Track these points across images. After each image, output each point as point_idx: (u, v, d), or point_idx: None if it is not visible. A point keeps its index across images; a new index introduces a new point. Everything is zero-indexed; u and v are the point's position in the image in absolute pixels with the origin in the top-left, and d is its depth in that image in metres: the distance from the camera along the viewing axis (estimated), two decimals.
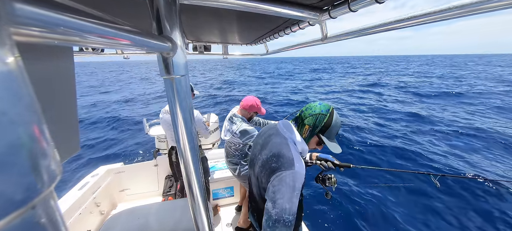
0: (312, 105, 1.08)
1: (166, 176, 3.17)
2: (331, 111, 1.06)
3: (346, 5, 0.66)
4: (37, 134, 0.15)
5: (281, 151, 0.99)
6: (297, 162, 0.95)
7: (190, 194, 0.63)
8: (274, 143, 1.05)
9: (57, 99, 0.32)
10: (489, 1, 0.39)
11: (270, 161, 0.99)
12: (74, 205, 2.16)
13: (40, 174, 0.15)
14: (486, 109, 9.19)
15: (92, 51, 1.80)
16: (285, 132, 1.08)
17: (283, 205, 0.86)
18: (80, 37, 0.22)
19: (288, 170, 0.93)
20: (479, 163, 4.22)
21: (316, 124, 1.04)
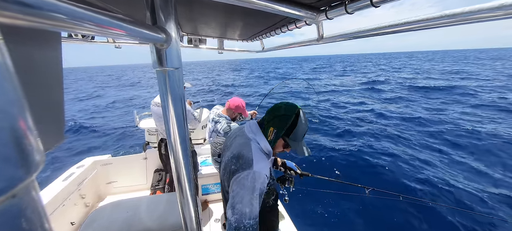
0: (277, 106, 1.02)
1: (155, 169, 3.13)
2: (297, 112, 0.99)
3: (343, 7, 0.67)
4: (19, 121, 0.15)
5: (241, 151, 0.94)
6: (258, 162, 0.90)
7: (179, 188, 0.63)
8: (236, 144, 1.01)
9: (42, 86, 0.31)
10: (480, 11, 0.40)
11: (230, 163, 0.94)
12: (57, 196, 2.09)
13: (21, 162, 0.15)
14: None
15: (81, 38, 1.73)
16: (250, 132, 1.03)
17: (242, 210, 0.82)
18: (69, 23, 0.21)
19: (246, 170, 0.88)
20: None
21: (281, 126, 0.97)
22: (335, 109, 9.30)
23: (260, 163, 0.91)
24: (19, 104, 0.15)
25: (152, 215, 1.20)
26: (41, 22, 0.17)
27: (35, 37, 0.29)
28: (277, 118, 0.99)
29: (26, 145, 0.15)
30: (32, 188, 0.16)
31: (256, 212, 0.85)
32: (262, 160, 0.94)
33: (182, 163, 0.59)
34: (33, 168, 0.16)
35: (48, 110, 0.32)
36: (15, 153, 0.14)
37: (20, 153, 0.15)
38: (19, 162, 0.14)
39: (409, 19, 0.56)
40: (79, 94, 20.20)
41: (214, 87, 20.09)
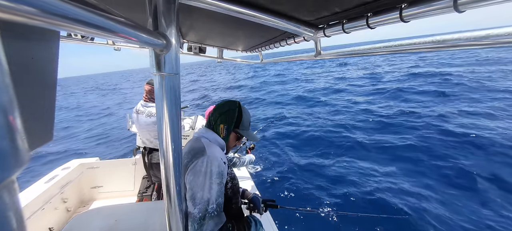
0: (219, 105, 1.10)
1: (143, 176, 3.03)
2: (239, 105, 1.09)
3: (340, 26, 0.69)
4: (3, 117, 0.14)
5: (191, 145, 0.97)
6: (209, 148, 0.92)
7: (167, 197, 0.60)
8: (190, 146, 1.00)
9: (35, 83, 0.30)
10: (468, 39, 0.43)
11: (185, 161, 0.92)
12: (37, 199, 1.98)
13: (1, 160, 0.14)
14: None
15: (81, 38, 1.73)
16: (197, 135, 1.07)
17: (204, 196, 0.79)
18: (69, 22, 0.20)
19: (200, 157, 0.87)
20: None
21: (229, 120, 1.05)
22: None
23: (212, 149, 0.92)
24: (6, 99, 0.14)
25: (137, 224, 1.15)
26: (41, 20, 0.17)
27: (32, 33, 0.29)
28: (223, 115, 1.05)
29: (7, 142, 0.14)
30: (11, 188, 0.15)
31: (217, 196, 0.81)
32: (214, 147, 0.95)
33: (172, 170, 0.58)
34: (14, 167, 0.15)
35: (38, 108, 0.31)
36: None
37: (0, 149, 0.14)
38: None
39: (402, 42, 0.58)
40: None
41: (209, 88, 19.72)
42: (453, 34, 0.46)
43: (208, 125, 1.09)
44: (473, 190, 3.75)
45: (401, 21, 0.51)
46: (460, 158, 4.53)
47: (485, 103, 7.31)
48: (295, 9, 0.67)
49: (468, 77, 11.00)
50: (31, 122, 0.30)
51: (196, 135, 1.07)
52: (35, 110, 0.31)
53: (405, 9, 0.49)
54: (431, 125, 6.09)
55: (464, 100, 7.90)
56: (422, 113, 6.99)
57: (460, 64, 16.01)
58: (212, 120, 1.07)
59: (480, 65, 14.56)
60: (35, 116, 0.31)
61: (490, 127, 5.59)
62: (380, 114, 7.44)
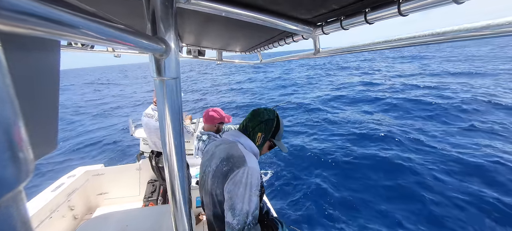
0: (258, 112, 1.07)
1: (148, 180, 3.05)
2: (277, 115, 1.09)
3: (338, 23, 0.69)
4: (9, 128, 0.14)
5: (229, 152, 0.94)
6: (249, 158, 0.91)
7: (172, 201, 0.61)
8: (221, 149, 0.99)
9: (37, 93, 0.31)
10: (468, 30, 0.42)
11: (221, 166, 0.91)
12: (45, 208, 2.00)
13: (7, 171, 0.14)
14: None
15: (81, 46, 1.75)
16: (231, 137, 1.05)
17: (244, 208, 0.81)
18: (69, 32, 0.21)
19: (241, 167, 0.86)
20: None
21: (268, 130, 1.05)
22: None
23: (252, 160, 0.92)
24: (11, 110, 0.15)
25: (144, 228, 1.16)
26: (41, 31, 0.18)
27: (33, 43, 0.29)
28: (263, 123, 1.04)
29: (13, 152, 0.15)
30: (18, 198, 0.15)
31: (255, 209, 0.84)
32: (252, 157, 0.94)
33: (177, 174, 0.58)
34: (21, 177, 0.15)
35: (41, 117, 0.32)
36: (1, 162, 0.14)
37: (6, 161, 0.14)
38: (4, 171, 0.14)
39: (401, 35, 0.58)
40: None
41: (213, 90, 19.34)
42: (453, 26, 0.46)
43: (242, 129, 1.07)
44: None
45: (400, 15, 0.51)
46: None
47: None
48: (293, 8, 0.67)
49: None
50: (36, 132, 0.30)
51: (230, 138, 1.05)
52: (39, 120, 0.31)
53: (403, 2, 0.48)
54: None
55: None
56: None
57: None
58: (250, 126, 1.05)
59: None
60: (39, 125, 0.31)
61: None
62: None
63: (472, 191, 3.93)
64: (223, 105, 12.11)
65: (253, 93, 15.23)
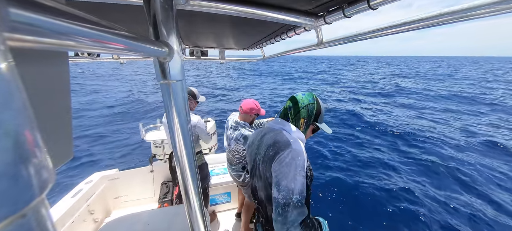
0: (298, 98, 1.08)
1: (162, 182, 3.12)
2: (316, 98, 1.09)
3: (340, 12, 0.67)
4: (29, 140, 0.15)
5: (275, 138, 0.98)
6: (294, 142, 0.94)
7: (186, 200, 0.62)
8: (267, 138, 1.04)
9: (50, 105, 0.32)
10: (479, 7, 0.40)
11: (268, 153, 0.97)
12: (66, 213, 2.10)
13: (31, 181, 0.15)
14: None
15: (87, 56, 1.79)
16: (276, 125, 1.08)
17: (288, 185, 0.84)
18: (76, 42, 0.21)
19: (285, 150, 0.90)
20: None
21: (309, 114, 1.06)
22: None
23: (297, 143, 0.94)
24: (29, 123, 0.15)
25: (161, 228, 1.19)
26: (51, 44, 0.18)
27: (44, 57, 0.30)
28: (303, 109, 1.05)
29: (35, 163, 0.15)
30: (42, 206, 0.16)
31: (302, 187, 0.85)
32: (298, 142, 0.96)
33: (189, 174, 0.59)
34: (43, 186, 0.16)
35: (57, 128, 0.33)
36: (24, 172, 0.15)
37: (29, 171, 0.15)
38: (28, 181, 0.15)
39: (407, 19, 0.56)
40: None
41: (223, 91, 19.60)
42: (462, 4, 0.43)
43: (284, 116, 1.09)
44: None
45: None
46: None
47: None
48: (293, 0, 0.66)
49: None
50: (52, 142, 0.31)
51: (275, 127, 1.08)
52: (54, 131, 0.33)
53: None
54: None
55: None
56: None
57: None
58: (292, 113, 1.07)
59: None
60: (55, 135, 0.32)
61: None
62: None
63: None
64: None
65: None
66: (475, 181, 4.49)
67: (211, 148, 3.44)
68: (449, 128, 7.85)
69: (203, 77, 27.49)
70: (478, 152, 5.90)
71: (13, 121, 0.14)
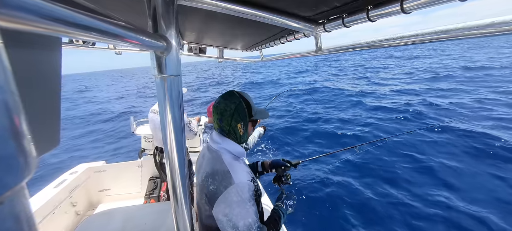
0: (221, 107, 0.96)
1: (150, 177, 3.06)
2: (238, 94, 0.99)
3: (340, 21, 0.69)
4: (12, 124, 0.14)
5: (213, 167, 0.89)
6: (235, 172, 0.86)
7: (173, 197, 0.61)
8: (207, 160, 0.96)
9: (39, 89, 0.31)
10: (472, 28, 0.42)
11: (206, 183, 0.89)
12: (47, 204, 2.02)
13: (10, 167, 0.14)
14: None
15: (82, 44, 1.75)
16: (214, 143, 0.98)
17: (246, 223, 0.81)
18: (71, 29, 0.21)
19: (228, 187, 0.83)
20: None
21: (242, 115, 0.97)
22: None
23: (238, 172, 0.87)
24: (13, 106, 0.15)
25: (145, 225, 1.17)
26: (43, 28, 0.18)
27: (36, 41, 0.29)
28: (235, 113, 0.96)
29: (16, 149, 0.15)
30: (21, 195, 0.15)
31: (255, 217, 0.84)
32: (239, 168, 0.90)
33: (178, 171, 0.58)
34: (24, 174, 0.15)
35: (44, 114, 0.32)
36: (3, 158, 0.14)
37: (9, 157, 0.14)
38: (7, 168, 0.14)
39: (404, 33, 0.57)
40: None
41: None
42: (456, 24, 0.45)
43: (221, 131, 0.99)
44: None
45: (402, 12, 0.50)
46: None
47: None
48: (295, 6, 0.67)
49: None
50: (38, 128, 0.30)
51: (213, 147, 0.97)
52: (41, 117, 0.31)
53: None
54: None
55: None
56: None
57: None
58: (225, 125, 0.96)
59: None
60: (41, 122, 0.31)
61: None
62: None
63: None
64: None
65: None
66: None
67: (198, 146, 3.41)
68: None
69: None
70: None
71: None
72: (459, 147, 4.84)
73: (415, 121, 6.52)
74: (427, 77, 13.28)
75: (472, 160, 4.38)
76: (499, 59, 17.85)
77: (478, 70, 13.75)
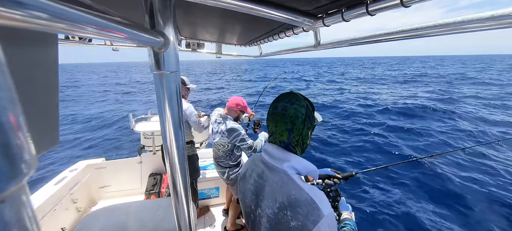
0: (291, 113, 0.77)
1: (150, 174, 3.08)
2: (299, 95, 0.83)
3: (339, 15, 0.68)
4: (11, 124, 0.14)
5: (290, 195, 0.70)
6: (320, 199, 0.68)
7: (174, 193, 0.62)
8: (273, 185, 0.76)
9: (37, 88, 0.31)
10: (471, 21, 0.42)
11: (283, 218, 0.69)
12: (48, 201, 2.03)
13: (12, 166, 0.14)
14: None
15: (78, 40, 1.73)
16: (278, 161, 0.78)
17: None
18: (67, 25, 0.20)
19: (318, 221, 0.65)
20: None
21: (312, 120, 0.82)
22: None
23: (323, 200, 0.69)
24: (11, 106, 0.15)
25: (146, 220, 1.18)
26: (39, 24, 0.17)
27: (31, 38, 0.29)
28: (307, 119, 0.79)
29: (16, 148, 0.15)
30: (22, 192, 0.16)
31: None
32: (319, 192, 0.71)
33: (178, 167, 0.59)
34: (24, 172, 0.15)
35: (42, 113, 0.32)
36: (4, 157, 0.14)
37: (10, 156, 0.14)
38: (9, 166, 0.14)
39: (403, 27, 0.57)
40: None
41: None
42: (455, 17, 0.45)
43: (287, 145, 0.80)
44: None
45: (402, 5, 0.50)
46: None
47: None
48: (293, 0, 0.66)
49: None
50: (37, 127, 0.30)
51: (276, 165, 0.78)
52: (40, 116, 0.31)
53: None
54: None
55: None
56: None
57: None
58: (295, 136, 0.78)
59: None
60: (40, 121, 0.31)
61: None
62: None
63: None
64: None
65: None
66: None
67: (202, 142, 3.42)
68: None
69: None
70: None
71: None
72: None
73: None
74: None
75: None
76: None
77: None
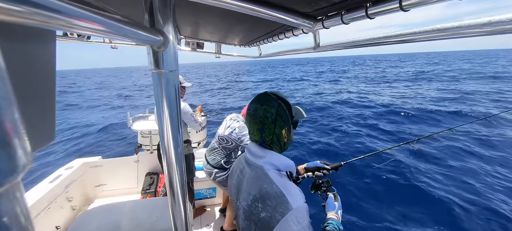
0: (260, 114, 0.82)
1: (146, 173, 3.06)
2: (276, 95, 0.86)
3: (339, 17, 0.68)
4: (6, 120, 0.14)
5: (261, 188, 0.75)
6: (289, 193, 0.73)
7: (170, 193, 0.61)
8: (249, 179, 0.82)
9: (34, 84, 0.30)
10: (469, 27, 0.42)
11: (256, 209, 0.75)
12: (43, 199, 2.01)
13: (6, 162, 0.14)
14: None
15: (77, 37, 1.71)
16: (255, 157, 0.84)
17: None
18: (65, 22, 0.20)
19: (286, 213, 0.69)
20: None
21: (285, 118, 0.83)
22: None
23: (294, 194, 0.73)
24: (6, 101, 0.14)
25: (142, 220, 1.17)
26: (37, 20, 0.17)
27: (29, 34, 0.28)
28: (278, 118, 0.82)
29: (11, 144, 0.15)
30: (16, 189, 0.15)
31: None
32: (292, 187, 0.75)
33: (175, 166, 0.58)
34: (19, 168, 0.15)
35: (39, 109, 0.31)
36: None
37: (4, 152, 0.14)
38: (3, 162, 0.14)
39: (402, 31, 0.57)
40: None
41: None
42: (454, 22, 0.45)
43: (263, 143, 0.84)
44: None
45: (401, 10, 0.50)
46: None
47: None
48: (293, 1, 0.67)
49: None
50: (33, 124, 0.30)
51: (254, 162, 0.83)
52: (36, 112, 0.31)
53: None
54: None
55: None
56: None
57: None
58: (267, 135, 0.82)
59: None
60: (36, 117, 0.31)
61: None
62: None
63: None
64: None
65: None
66: None
67: (199, 142, 3.41)
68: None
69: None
70: None
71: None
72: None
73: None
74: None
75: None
76: None
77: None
